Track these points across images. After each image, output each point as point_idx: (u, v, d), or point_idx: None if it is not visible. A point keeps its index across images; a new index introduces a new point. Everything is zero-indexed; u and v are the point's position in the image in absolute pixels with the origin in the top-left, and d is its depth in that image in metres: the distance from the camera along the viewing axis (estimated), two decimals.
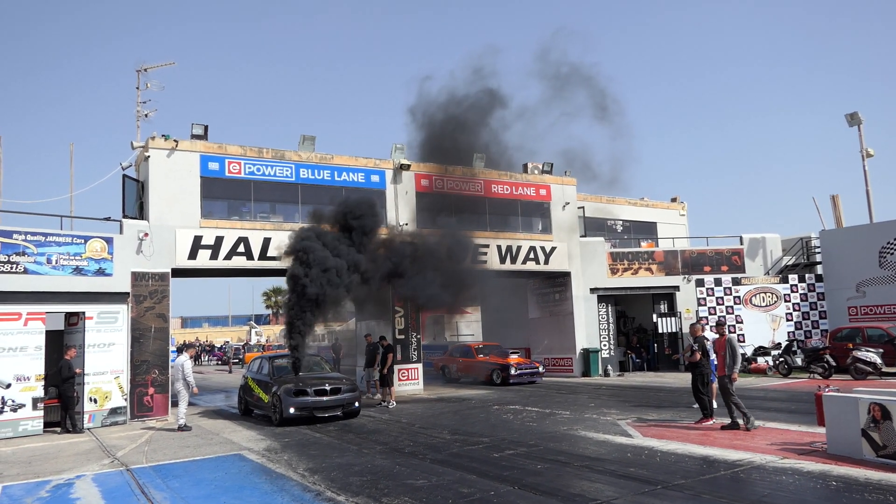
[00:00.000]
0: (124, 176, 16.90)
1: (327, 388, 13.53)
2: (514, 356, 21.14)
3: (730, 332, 20.58)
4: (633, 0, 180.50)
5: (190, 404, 13.71)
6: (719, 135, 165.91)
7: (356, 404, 13.85)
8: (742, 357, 20.97)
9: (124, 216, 16.26)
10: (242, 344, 49.82)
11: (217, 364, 48.34)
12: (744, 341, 21.93)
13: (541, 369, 21.07)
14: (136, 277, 15.36)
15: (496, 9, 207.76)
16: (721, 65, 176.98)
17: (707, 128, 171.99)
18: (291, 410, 12.98)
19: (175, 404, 13.61)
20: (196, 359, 39.58)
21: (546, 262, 22.38)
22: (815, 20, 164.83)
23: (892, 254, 20.51)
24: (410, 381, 19.56)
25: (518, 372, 20.26)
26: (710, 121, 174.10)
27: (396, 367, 19.04)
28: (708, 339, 11.65)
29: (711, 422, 10.89)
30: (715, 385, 11.53)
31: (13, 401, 13.17)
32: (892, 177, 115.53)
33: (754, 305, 22.30)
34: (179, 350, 15.73)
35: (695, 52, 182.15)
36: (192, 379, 13.06)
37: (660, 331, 23.61)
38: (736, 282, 22.50)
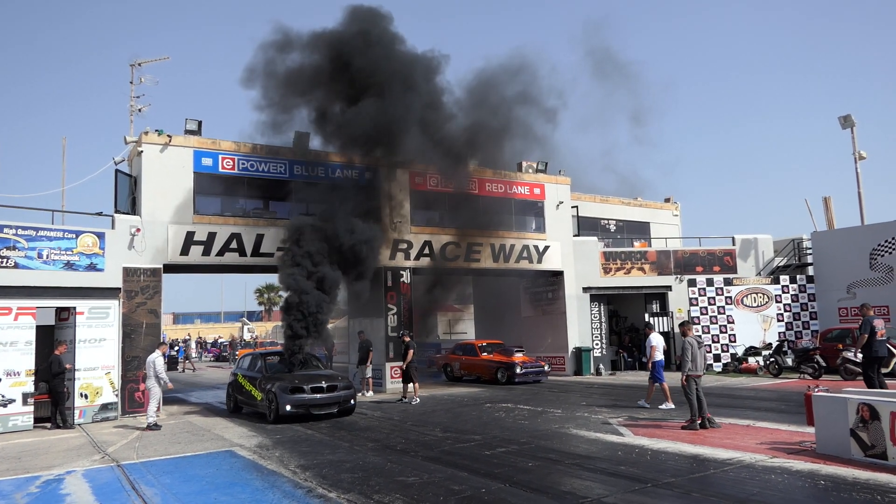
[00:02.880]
0: (117, 171, 16.85)
1: (324, 385, 13.47)
2: (519, 354, 20.76)
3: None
4: (627, 4, 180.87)
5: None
6: (713, 136, 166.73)
7: (352, 402, 13.82)
8: (732, 357, 21.38)
9: (116, 211, 16.20)
10: (228, 342, 47.37)
11: (210, 360, 47.72)
12: (735, 341, 22.08)
13: (546, 368, 20.59)
14: (128, 273, 15.28)
15: (479, 22, 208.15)
16: (715, 67, 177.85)
17: (701, 129, 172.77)
18: (288, 408, 12.88)
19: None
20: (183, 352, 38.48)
21: (539, 262, 22.41)
22: (809, 23, 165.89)
23: (883, 255, 20.67)
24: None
25: (524, 371, 19.76)
26: (704, 122, 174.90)
27: (389, 365, 19.06)
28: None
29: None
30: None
31: (3, 396, 13.11)
32: (885, 179, 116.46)
33: (746, 306, 22.42)
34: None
35: (688, 54, 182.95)
36: (165, 375, 13.00)
37: None
38: (728, 282, 22.61)
